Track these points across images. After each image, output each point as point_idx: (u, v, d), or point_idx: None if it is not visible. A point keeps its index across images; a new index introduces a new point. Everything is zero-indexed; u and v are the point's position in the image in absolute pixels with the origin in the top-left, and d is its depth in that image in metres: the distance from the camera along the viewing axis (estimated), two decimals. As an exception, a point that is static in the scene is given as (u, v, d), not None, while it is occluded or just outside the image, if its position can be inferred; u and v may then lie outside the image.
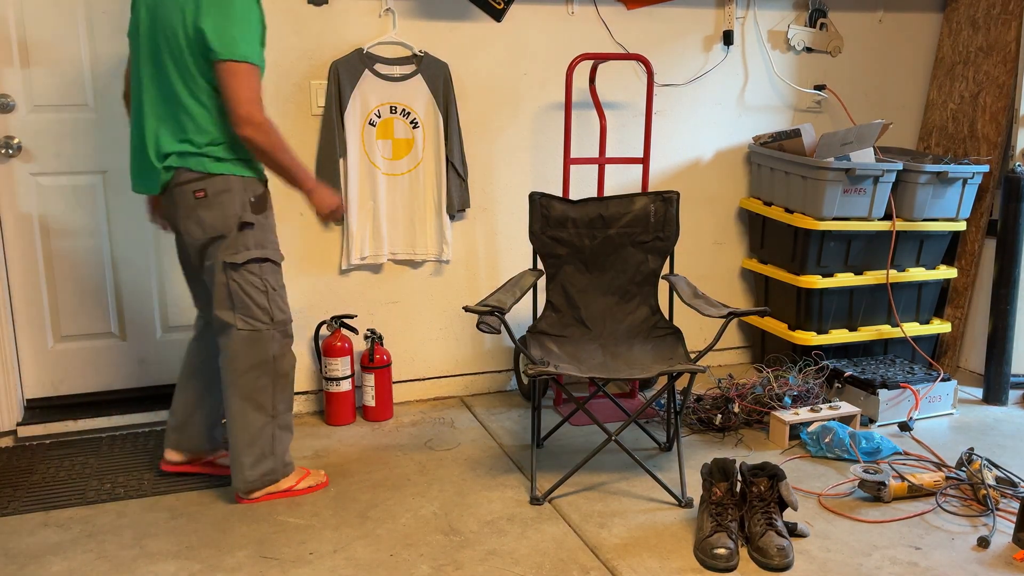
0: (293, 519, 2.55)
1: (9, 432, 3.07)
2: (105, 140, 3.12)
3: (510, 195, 3.50)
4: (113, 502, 2.65)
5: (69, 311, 3.19)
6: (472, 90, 3.37)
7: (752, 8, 3.68)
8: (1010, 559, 2.33)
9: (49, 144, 3.07)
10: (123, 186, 3.16)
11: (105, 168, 3.14)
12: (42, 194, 3.10)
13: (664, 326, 2.99)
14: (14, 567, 2.30)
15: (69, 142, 3.09)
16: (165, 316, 3.31)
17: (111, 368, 3.28)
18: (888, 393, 3.21)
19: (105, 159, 3.14)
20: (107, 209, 3.17)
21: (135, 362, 3.31)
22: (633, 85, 3.59)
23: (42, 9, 3.00)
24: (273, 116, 3.14)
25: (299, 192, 2.55)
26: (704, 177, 3.79)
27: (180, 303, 3.31)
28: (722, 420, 3.16)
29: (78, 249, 3.16)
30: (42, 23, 3.01)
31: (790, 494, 2.36)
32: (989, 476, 2.64)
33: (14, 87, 3.01)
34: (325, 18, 3.15)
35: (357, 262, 3.32)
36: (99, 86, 3.09)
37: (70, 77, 3.06)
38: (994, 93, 3.71)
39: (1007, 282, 3.45)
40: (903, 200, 3.53)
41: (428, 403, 3.51)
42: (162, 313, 3.31)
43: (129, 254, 3.22)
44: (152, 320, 3.29)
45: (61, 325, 3.19)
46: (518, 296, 2.73)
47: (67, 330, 3.21)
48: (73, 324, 3.21)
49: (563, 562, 2.32)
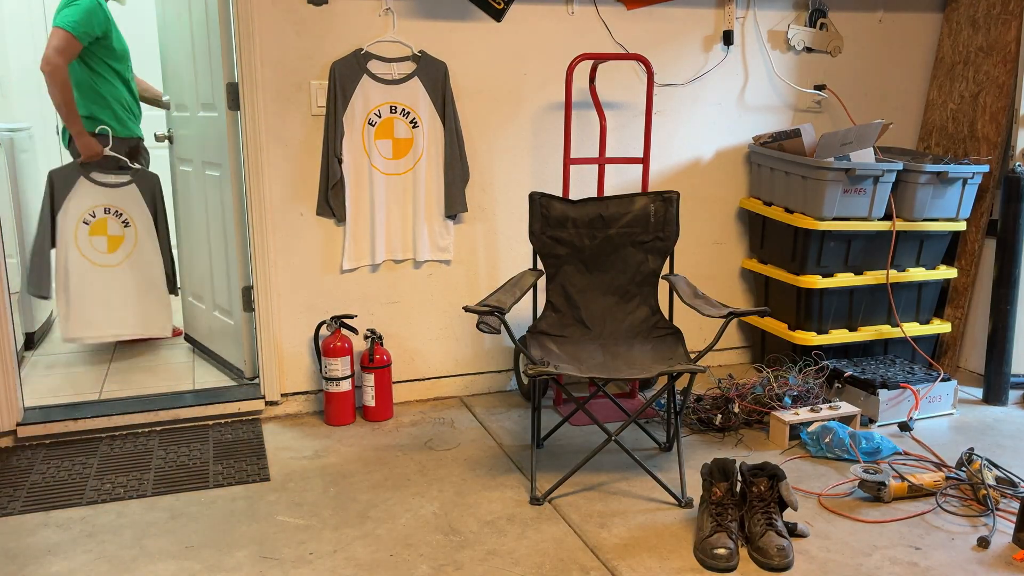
0: (293, 519, 2.55)
1: (9, 432, 3.07)
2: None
3: (510, 195, 3.50)
4: (113, 502, 2.65)
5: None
6: (472, 90, 3.37)
7: (752, 8, 3.68)
8: (1010, 559, 2.33)
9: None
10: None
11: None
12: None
13: (664, 326, 2.99)
14: (14, 567, 2.30)
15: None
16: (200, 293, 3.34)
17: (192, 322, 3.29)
18: (888, 393, 3.21)
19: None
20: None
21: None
22: (633, 85, 3.59)
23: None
24: (273, 116, 3.15)
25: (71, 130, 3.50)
26: (704, 177, 3.79)
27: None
28: (722, 420, 3.16)
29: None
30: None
31: (790, 494, 2.36)
32: (989, 476, 2.64)
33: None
34: (325, 18, 3.15)
35: (357, 262, 3.32)
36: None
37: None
38: (994, 93, 3.71)
39: (1007, 282, 3.45)
40: (903, 200, 3.53)
41: (428, 403, 3.51)
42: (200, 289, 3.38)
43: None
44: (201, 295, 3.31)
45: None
46: (518, 296, 2.73)
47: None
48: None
49: (563, 562, 2.32)
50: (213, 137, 3.38)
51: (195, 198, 3.65)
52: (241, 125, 3.15)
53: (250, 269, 3.30)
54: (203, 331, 3.78)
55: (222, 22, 3.16)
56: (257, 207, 3.18)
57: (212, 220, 3.51)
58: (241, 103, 3.11)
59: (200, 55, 3.38)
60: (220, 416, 3.28)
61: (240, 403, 3.28)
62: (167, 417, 3.19)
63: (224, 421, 3.28)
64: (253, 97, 3.10)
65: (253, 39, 3.06)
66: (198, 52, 3.40)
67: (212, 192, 3.47)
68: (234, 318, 3.45)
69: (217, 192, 3.42)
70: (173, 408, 3.20)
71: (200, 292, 3.73)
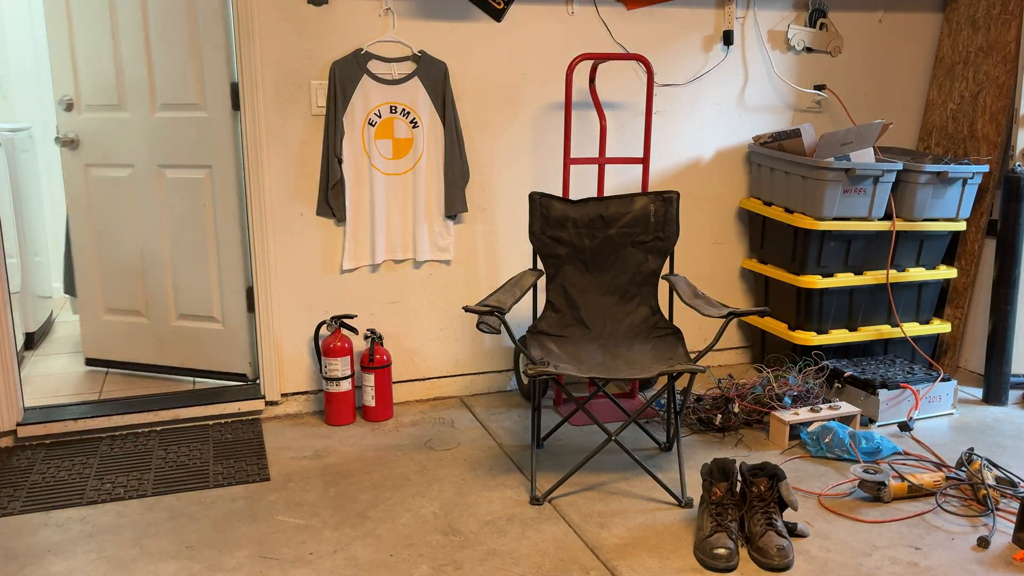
0: (293, 519, 2.55)
1: (9, 432, 3.07)
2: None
3: (510, 195, 3.50)
4: (113, 502, 2.65)
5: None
6: (472, 90, 3.37)
7: (752, 8, 3.68)
8: (1010, 559, 2.33)
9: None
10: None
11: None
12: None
13: (664, 326, 2.99)
14: (14, 567, 2.30)
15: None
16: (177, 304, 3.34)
17: (139, 344, 3.28)
18: (888, 393, 3.21)
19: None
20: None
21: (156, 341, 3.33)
22: (633, 85, 3.59)
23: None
24: (273, 116, 3.15)
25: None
26: (704, 177, 3.79)
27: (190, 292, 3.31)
28: (722, 420, 3.16)
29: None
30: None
31: (790, 494, 2.36)
32: (989, 476, 2.64)
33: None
34: (325, 18, 3.15)
35: (357, 262, 3.32)
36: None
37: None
38: (994, 93, 3.71)
39: (1007, 282, 3.45)
40: (903, 200, 3.53)
41: (428, 403, 3.51)
42: (175, 301, 3.33)
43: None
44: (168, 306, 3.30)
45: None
46: (518, 296, 2.73)
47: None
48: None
49: (563, 562, 2.32)
50: (193, 138, 3.32)
51: (150, 204, 3.43)
52: (241, 125, 3.15)
53: (250, 269, 3.30)
54: (183, 347, 3.59)
55: (222, 21, 3.15)
56: (257, 207, 3.18)
57: (194, 225, 3.41)
58: (241, 103, 3.11)
59: (179, 54, 3.28)
60: (220, 416, 3.28)
61: (240, 403, 3.28)
62: (167, 417, 3.20)
63: (224, 421, 3.28)
64: (253, 97, 3.10)
65: (253, 39, 3.06)
66: (176, 51, 3.29)
67: (192, 196, 3.37)
68: (226, 322, 3.43)
69: (199, 196, 3.35)
70: (173, 408, 3.20)
71: (175, 304, 3.55)
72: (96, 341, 3.67)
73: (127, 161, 3.45)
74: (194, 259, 3.42)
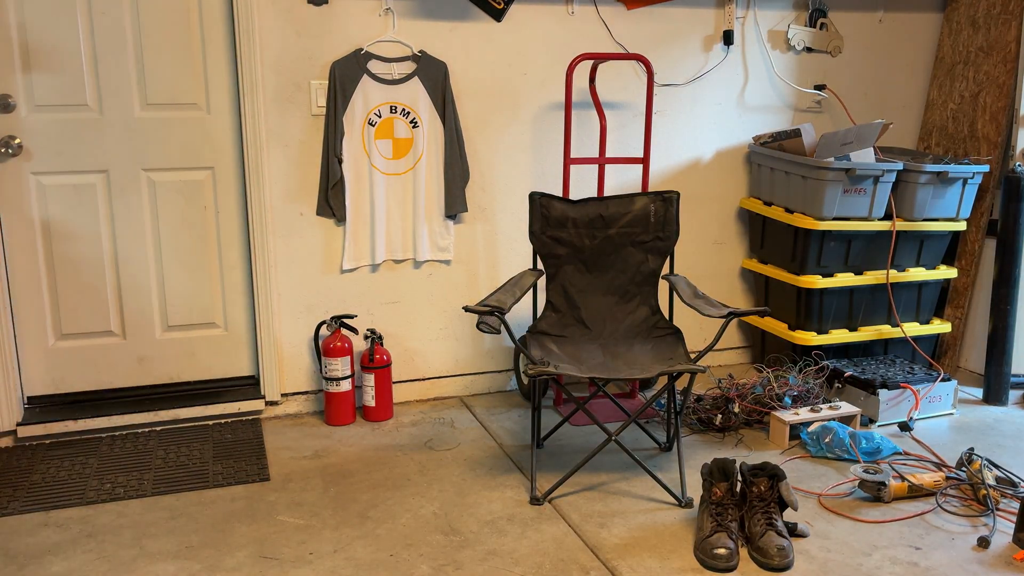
0: (293, 519, 2.55)
1: (9, 432, 3.07)
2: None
3: (510, 195, 3.50)
4: (113, 502, 2.65)
5: (70, 309, 3.19)
6: (472, 90, 3.37)
7: (752, 8, 3.68)
8: (1010, 559, 2.33)
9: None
10: (124, 186, 3.16)
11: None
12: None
13: (664, 326, 2.99)
14: (14, 567, 2.30)
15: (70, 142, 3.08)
16: (165, 315, 3.31)
17: (111, 367, 3.28)
18: (888, 393, 3.21)
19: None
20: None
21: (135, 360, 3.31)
22: (633, 85, 3.59)
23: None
24: (273, 116, 3.15)
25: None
26: (704, 177, 3.79)
27: (179, 302, 3.31)
28: (722, 420, 3.16)
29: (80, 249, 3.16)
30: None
31: (790, 494, 2.36)
32: (989, 476, 2.64)
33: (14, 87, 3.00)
34: (325, 18, 3.15)
35: (357, 262, 3.33)
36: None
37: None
38: (994, 93, 3.71)
39: (1007, 282, 3.45)
40: (903, 200, 3.53)
41: (428, 403, 3.51)
42: (161, 312, 3.30)
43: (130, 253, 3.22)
44: (152, 319, 3.29)
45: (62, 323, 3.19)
46: (518, 296, 2.73)
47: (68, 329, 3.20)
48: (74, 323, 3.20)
49: (563, 562, 2.32)
50: (192, 139, 3.24)
51: (128, 211, 3.23)
52: (241, 125, 3.15)
53: (249, 270, 3.30)
54: (170, 362, 3.39)
55: (222, 21, 3.15)
56: (257, 207, 3.18)
57: (190, 229, 3.30)
58: (241, 103, 3.11)
59: (176, 53, 3.19)
60: (220, 416, 3.28)
61: (240, 403, 3.28)
62: (167, 417, 3.20)
63: (224, 421, 3.28)
64: (253, 97, 3.10)
65: (253, 39, 3.06)
66: (172, 50, 3.19)
67: (188, 199, 3.27)
68: (229, 326, 3.41)
69: (198, 198, 3.28)
70: (173, 408, 3.20)
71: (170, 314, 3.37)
72: (46, 374, 3.24)
73: (97, 167, 3.18)
74: (189, 264, 3.31)
